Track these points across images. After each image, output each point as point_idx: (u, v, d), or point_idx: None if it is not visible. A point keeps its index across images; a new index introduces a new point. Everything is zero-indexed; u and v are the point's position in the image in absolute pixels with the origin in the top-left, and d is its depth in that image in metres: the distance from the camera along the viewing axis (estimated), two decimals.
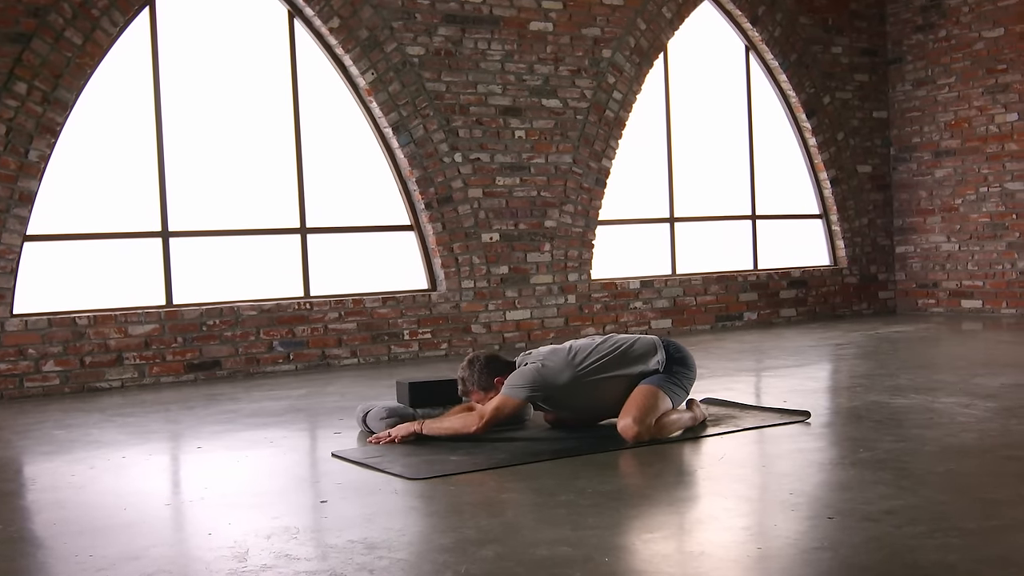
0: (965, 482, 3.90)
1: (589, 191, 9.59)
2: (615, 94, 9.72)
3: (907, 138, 11.49)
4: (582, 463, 4.46)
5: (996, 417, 5.12)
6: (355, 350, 8.47)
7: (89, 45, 7.46)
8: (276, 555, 3.25)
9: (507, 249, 9.17)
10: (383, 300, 8.62)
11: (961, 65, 10.95)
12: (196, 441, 5.35)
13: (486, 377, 4.97)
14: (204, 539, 3.48)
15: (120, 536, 3.55)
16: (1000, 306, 10.76)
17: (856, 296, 11.37)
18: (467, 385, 5.03)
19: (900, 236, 11.62)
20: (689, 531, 3.40)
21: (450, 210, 8.90)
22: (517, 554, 3.17)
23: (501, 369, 4.99)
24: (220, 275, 8.18)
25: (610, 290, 9.74)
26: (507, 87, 9.16)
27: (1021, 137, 10.51)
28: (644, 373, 4.96)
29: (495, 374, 4.97)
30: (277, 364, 8.14)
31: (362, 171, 8.80)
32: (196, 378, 7.81)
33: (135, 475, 4.60)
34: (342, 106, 8.69)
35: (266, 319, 8.12)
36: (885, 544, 3.12)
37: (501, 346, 9.09)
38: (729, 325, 10.37)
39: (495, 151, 9.11)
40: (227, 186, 8.29)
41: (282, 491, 4.20)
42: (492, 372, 4.99)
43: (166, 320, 7.74)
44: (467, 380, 5.02)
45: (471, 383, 5.01)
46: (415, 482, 4.18)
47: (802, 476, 4.05)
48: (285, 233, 8.44)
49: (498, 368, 5.00)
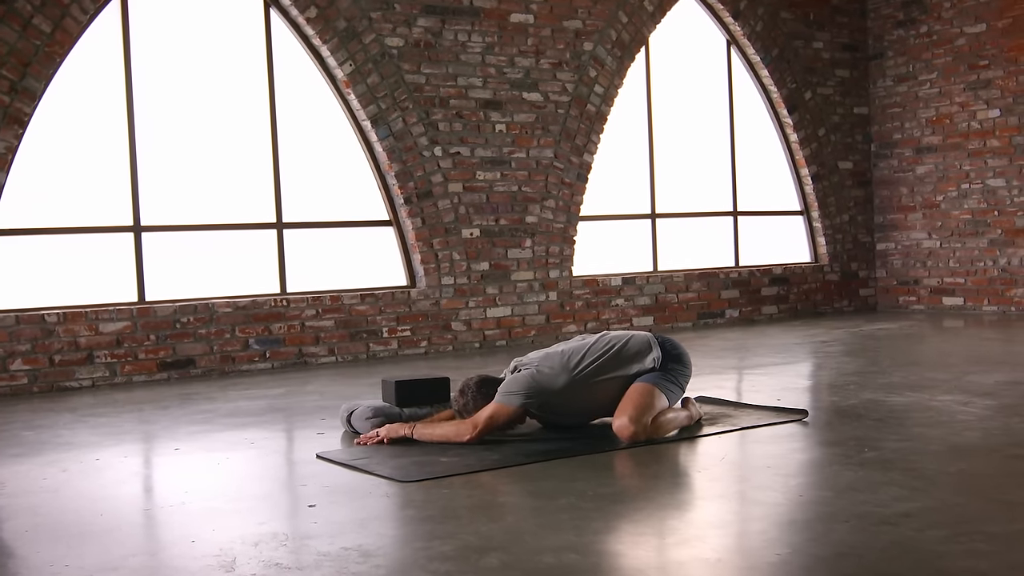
0: (979, 483, 3.77)
1: (571, 186, 9.43)
2: (597, 88, 9.57)
3: (888, 134, 11.41)
4: (578, 464, 4.29)
5: (997, 415, 5.00)
6: (333, 348, 8.26)
7: (58, 33, 7.21)
8: (265, 564, 3.06)
9: (488, 245, 8.99)
10: (361, 297, 8.42)
11: (943, 61, 10.88)
12: (173, 443, 5.13)
13: (481, 400, 4.77)
14: (187, 547, 3.28)
15: (97, 544, 3.35)
16: (982, 303, 10.70)
17: (837, 293, 11.28)
18: (463, 415, 4.83)
19: (881, 233, 11.54)
20: (702, 537, 3.24)
21: (430, 205, 8.71)
22: (522, 562, 3.00)
23: (494, 388, 4.81)
24: (194, 271, 7.95)
25: (592, 287, 9.59)
26: (487, 80, 8.98)
27: (1003, 133, 10.45)
28: (640, 372, 4.80)
29: (489, 395, 4.78)
30: (253, 363, 7.92)
31: (340, 165, 8.60)
32: (169, 377, 7.59)
33: (110, 478, 4.38)
34: (319, 98, 8.48)
35: (241, 316, 7.90)
36: (909, 549, 2.97)
37: (482, 344, 8.91)
38: (711, 322, 10.25)
39: (475, 145, 8.93)
40: (201, 179, 8.06)
41: (267, 495, 4.01)
42: (486, 395, 4.78)
43: (138, 317, 7.51)
44: (462, 409, 4.82)
45: (467, 412, 4.81)
46: (406, 485, 4.00)
47: (809, 477, 3.91)
48: (261, 228, 8.22)
49: (491, 388, 4.81)
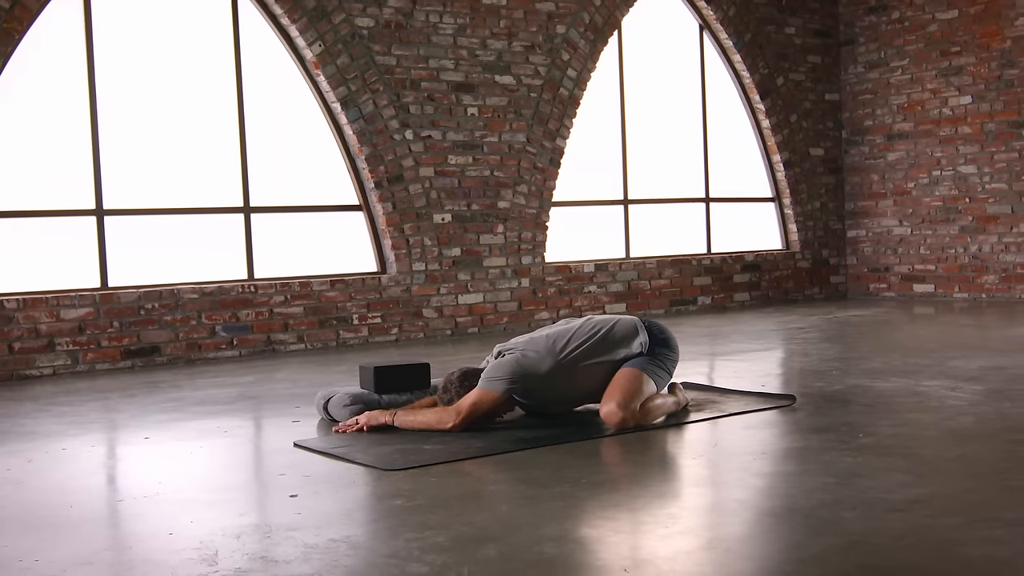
0: (984, 468, 3.67)
1: (543, 171, 9.28)
2: (569, 72, 9.42)
3: (859, 121, 11.36)
4: (567, 452, 4.15)
5: (987, 400, 4.92)
6: (302, 335, 8.07)
7: (17, 9, 6.95)
8: (250, 557, 2.90)
9: (459, 230, 8.83)
10: (331, 283, 8.22)
11: (914, 47, 10.84)
12: (142, 432, 4.93)
13: (465, 392, 4.60)
14: (165, 540, 3.11)
15: (69, 537, 3.16)
16: (952, 290, 10.68)
17: (808, 280, 11.23)
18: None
19: (852, 220, 11.50)
20: (708, 525, 3.11)
21: (400, 189, 8.53)
22: (522, 552, 2.86)
23: (477, 380, 4.64)
24: (159, 256, 7.72)
25: (564, 273, 9.45)
26: (459, 62, 8.81)
27: (974, 120, 10.43)
28: (627, 357, 4.66)
29: (473, 387, 4.59)
30: (220, 350, 7.71)
31: (309, 148, 8.38)
32: (134, 365, 7.36)
33: (79, 469, 4.19)
34: (288, 80, 8.27)
35: (208, 303, 7.68)
36: (924, 537, 2.86)
37: (454, 331, 8.75)
38: (683, 309, 10.15)
39: (447, 128, 8.76)
40: (166, 162, 7.82)
41: (245, 485, 3.84)
42: (468, 387, 4.59)
43: (101, 304, 7.28)
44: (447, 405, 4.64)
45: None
46: (391, 473, 3.83)
47: (807, 464, 3.78)
48: (228, 212, 8.00)
49: (474, 380, 4.62)
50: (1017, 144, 10.12)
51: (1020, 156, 10.11)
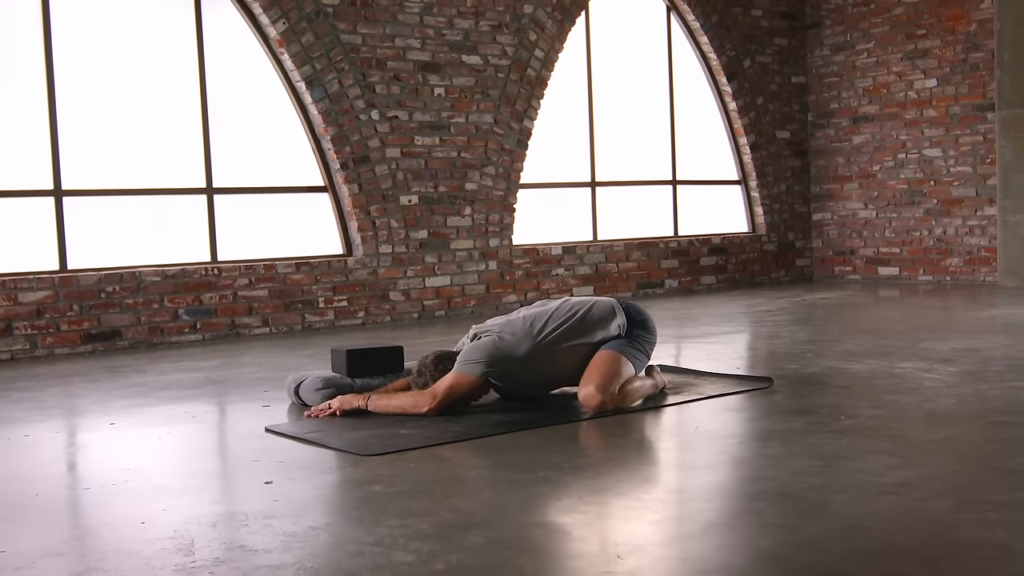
0: (969, 450, 3.64)
1: (511, 153, 9.18)
2: (537, 52, 9.32)
3: (825, 104, 11.36)
4: (547, 436, 4.07)
5: (963, 382, 4.90)
6: (267, 319, 7.93)
7: None
8: (228, 546, 2.79)
9: (426, 212, 8.71)
10: (296, 266, 8.08)
11: (880, 30, 10.84)
12: (106, 417, 4.79)
13: (440, 376, 4.49)
14: (137, 529, 2.99)
15: (35, 527, 3.04)
16: (917, 273, 10.72)
17: (774, 263, 11.23)
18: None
19: (817, 203, 11.51)
20: (698, 510, 3.04)
21: (366, 171, 8.39)
22: (509, 539, 2.78)
23: (452, 363, 4.53)
24: (119, 238, 7.54)
25: (532, 256, 9.36)
26: (426, 41, 8.67)
27: (940, 103, 10.45)
28: (605, 339, 4.59)
29: (448, 370, 4.48)
30: (183, 334, 7.56)
31: (273, 128, 8.22)
32: (94, 349, 7.19)
33: (43, 456, 4.05)
34: (251, 58, 8.09)
35: (170, 285, 7.52)
36: (919, 520, 2.81)
37: (420, 314, 8.65)
38: (651, 292, 10.10)
39: (414, 109, 8.63)
40: (127, 142, 7.63)
41: (217, 472, 3.73)
42: (443, 371, 4.48)
43: (60, 287, 7.10)
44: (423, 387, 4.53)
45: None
46: (367, 459, 3.74)
47: (791, 446, 3.73)
48: (190, 193, 7.83)
49: (448, 364, 4.50)
50: (982, 127, 10.16)
51: (985, 139, 10.14)
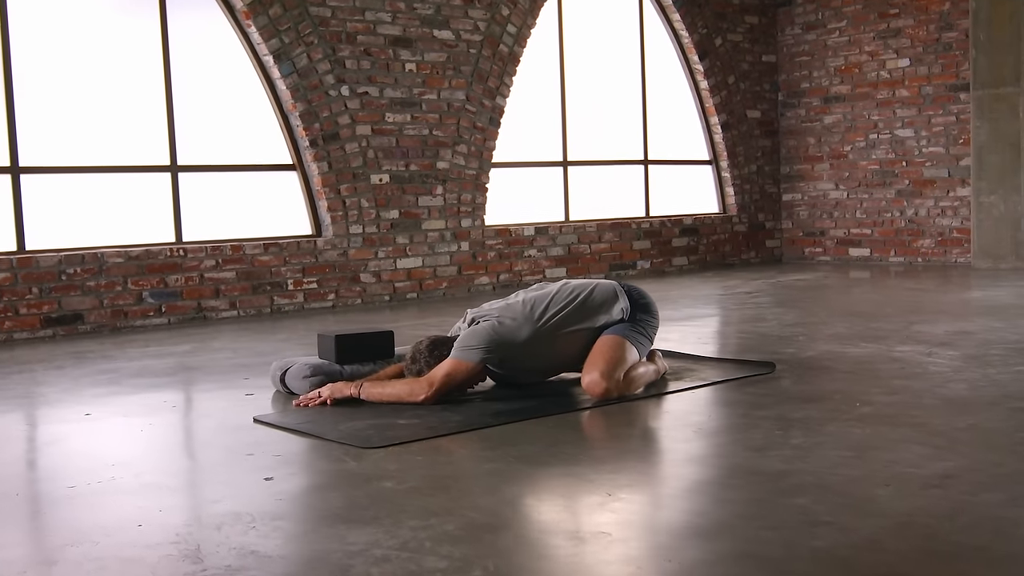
0: (1001, 440, 3.49)
1: (483, 131, 8.95)
2: (509, 27, 9.08)
3: (796, 83, 11.24)
4: (553, 425, 3.88)
5: (968, 367, 4.78)
6: (234, 301, 7.65)
7: None
8: (239, 552, 2.56)
9: (398, 192, 8.46)
10: (264, 246, 7.81)
11: (852, 9, 10.73)
12: (79, 407, 4.52)
13: (435, 363, 4.28)
14: (135, 533, 2.75)
15: (22, 532, 2.80)
16: (888, 254, 10.66)
17: (745, 244, 11.12)
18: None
19: (787, 184, 11.40)
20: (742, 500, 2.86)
21: (336, 148, 8.12)
22: (546, 541, 2.58)
23: (448, 349, 4.31)
24: (80, 218, 7.22)
25: (504, 237, 9.15)
26: (397, 15, 8.40)
27: (912, 83, 10.37)
28: (608, 323, 4.41)
29: (444, 357, 4.27)
30: (148, 317, 7.26)
31: (240, 104, 7.92)
32: (55, 334, 6.88)
33: (16, 451, 3.79)
34: (217, 31, 7.78)
35: (134, 267, 7.22)
36: (977, 516, 2.65)
37: (392, 296, 8.41)
38: (623, 274, 9.93)
39: (384, 85, 8.36)
40: (87, 117, 7.30)
41: (212, 467, 3.49)
42: (439, 357, 4.27)
43: (18, 268, 6.77)
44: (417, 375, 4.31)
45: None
46: (370, 452, 3.52)
47: (815, 436, 3.57)
48: (154, 171, 7.52)
49: (444, 350, 4.29)
50: (954, 108, 10.10)
51: (957, 120, 10.08)
